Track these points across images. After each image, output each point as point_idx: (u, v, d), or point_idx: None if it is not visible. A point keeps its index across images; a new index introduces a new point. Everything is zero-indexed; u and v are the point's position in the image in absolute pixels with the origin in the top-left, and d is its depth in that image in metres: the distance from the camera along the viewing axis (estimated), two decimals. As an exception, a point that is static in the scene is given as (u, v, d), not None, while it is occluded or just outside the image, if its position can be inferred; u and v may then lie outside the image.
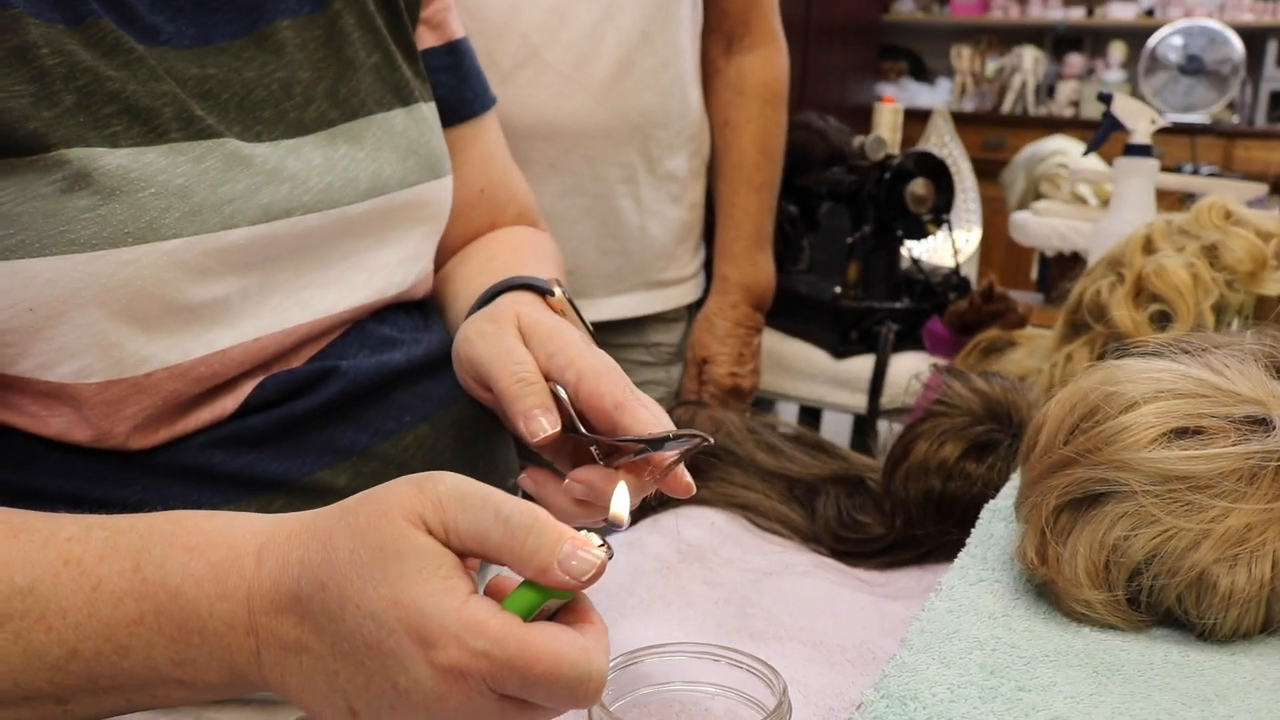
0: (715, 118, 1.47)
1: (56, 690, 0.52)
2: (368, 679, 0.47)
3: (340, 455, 0.75)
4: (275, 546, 0.51)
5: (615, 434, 0.61)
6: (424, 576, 0.46)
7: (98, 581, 0.52)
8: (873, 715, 0.52)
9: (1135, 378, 0.66)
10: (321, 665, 0.49)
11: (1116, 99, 1.63)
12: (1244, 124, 4.97)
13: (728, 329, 1.46)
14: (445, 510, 0.48)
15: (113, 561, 0.52)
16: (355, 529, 0.48)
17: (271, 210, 0.69)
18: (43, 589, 0.52)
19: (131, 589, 0.51)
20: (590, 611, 0.50)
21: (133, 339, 0.63)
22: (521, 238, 0.97)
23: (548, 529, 0.47)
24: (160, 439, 0.67)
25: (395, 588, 0.46)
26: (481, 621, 0.45)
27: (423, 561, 0.47)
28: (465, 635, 0.45)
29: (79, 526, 0.54)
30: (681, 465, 0.61)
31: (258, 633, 0.50)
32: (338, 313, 0.76)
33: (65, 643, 0.51)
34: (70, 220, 0.59)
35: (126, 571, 0.52)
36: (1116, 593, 0.61)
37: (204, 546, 0.52)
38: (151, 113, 0.64)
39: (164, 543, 0.52)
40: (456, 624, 0.45)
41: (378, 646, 0.46)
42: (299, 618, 0.49)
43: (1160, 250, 1.17)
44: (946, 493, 0.90)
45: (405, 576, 0.46)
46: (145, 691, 0.53)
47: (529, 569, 0.47)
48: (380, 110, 0.80)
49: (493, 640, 0.45)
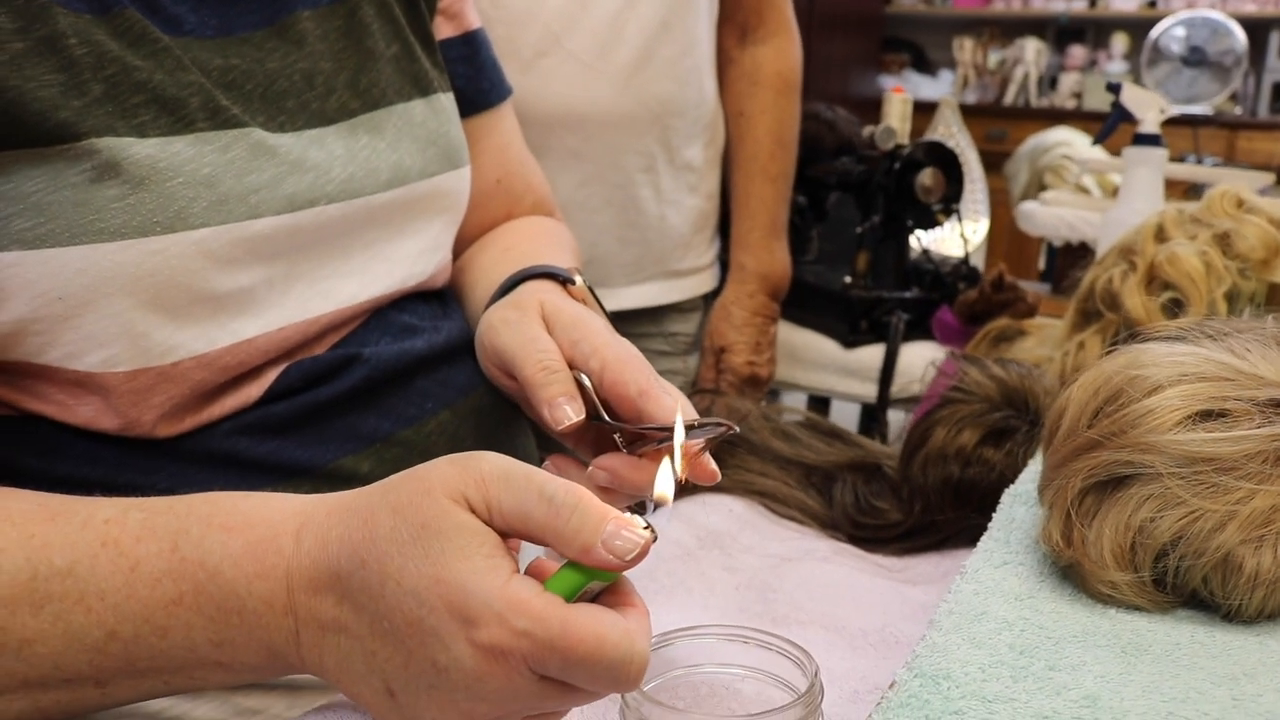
0: (730, 108, 1.47)
1: (96, 672, 0.52)
2: (407, 658, 0.47)
3: (363, 442, 0.76)
4: (314, 525, 0.51)
5: (639, 421, 0.62)
6: (466, 554, 0.46)
7: (136, 562, 0.52)
8: (907, 694, 0.52)
9: (1159, 361, 0.66)
10: (359, 645, 0.49)
11: (1125, 88, 1.63)
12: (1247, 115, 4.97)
13: (745, 318, 1.47)
14: (488, 488, 0.48)
15: (150, 542, 0.52)
16: (396, 506, 0.48)
17: (296, 200, 0.69)
18: (81, 570, 0.52)
19: (170, 569, 0.52)
20: (632, 594, 0.50)
21: (160, 328, 0.63)
22: (539, 227, 0.98)
23: (591, 508, 0.47)
24: (186, 427, 0.68)
25: (437, 565, 0.46)
26: (524, 601, 0.45)
27: (465, 539, 0.46)
28: (507, 614, 0.45)
29: (116, 508, 0.54)
30: (707, 453, 0.61)
31: (296, 612, 0.50)
32: (360, 302, 0.77)
33: (104, 624, 0.51)
34: (100, 209, 0.60)
35: (165, 552, 0.52)
36: (1143, 574, 0.62)
37: (242, 526, 0.52)
38: (178, 103, 0.64)
39: (201, 523, 0.53)
40: (499, 602, 0.45)
41: (418, 624, 0.46)
42: (338, 596, 0.49)
43: (1172, 238, 1.18)
44: (965, 479, 0.90)
45: (447, 554, 0.46)
46: (184, 673, 0.53)
47: (572, 548, 0.47)
48: (400, 101, 0.80)
49: (535, 620, 0.45)
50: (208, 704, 0.69)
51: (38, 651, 0.52)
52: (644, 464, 0.62)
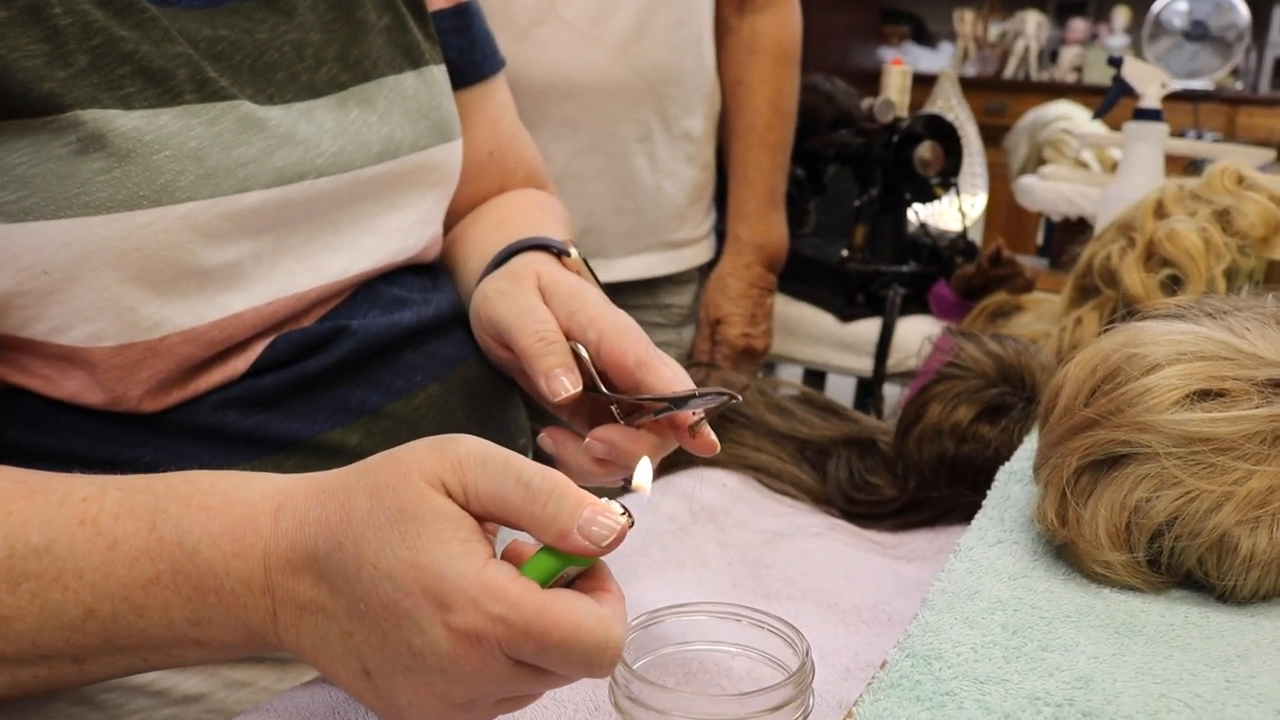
0: (728, 77, 1.46)
1: (73, 650, 0.52)
2: (382, 640, 0.47)
3: (351, 415, 0.75)
4: (292, 506, 0.51)
5: (637, 393, 0.61)
6: (442, 539, 0.46)
7: (114, 541, 0.52)
8: (898, 674, 0.52)
9: (1157, 340, 0.66)
10: (336, 626, 0.48)
11: (1127, 63, 1.62)
12: (1248, 90, 4.94)
13: (741, 290, 1.46)
14: (465, 473, 0.47)
15: (129, 521, 0.52)
16: (374, 489, 0.48)
17: (285, 174, 0.68)
18: (59, 549, 0.52)
19: (148, 548, 0.51)
20: (608, 580, 0.50)
21: (146, 303, 0.63)
22: (532, 200, 0.97)
23: (568, 494, 0.47)
24: (172, 401, 0.67)
25: (413, 549, 0.46)
26: (500, 586, 0.45)
27: (441, 524, 0.46)
28: (482, 599, 0.45)
29: (95, 486, 0.54)
30: (706, 424, 0.60)
31: (274, 592, 0.50)
32: (350, 276, 0.76)
33: (82, 603, 0.51)
34: (85, 182, 0.59)
35: (143, 531, 0.52)
36: (1137, 554, 0.61)
37: (220, 506, 0.52)
38: (165, 74, 0.63)
39: (180, 502, 0.52)
40: (474, 587, 0.45)
41: (394, 608, 0.46)
42: (315, 578, 0.49)
43: (1172, 215, 1.17)
44: (960, 455, 0.90)
45: (423, 538, 0.46)
46: (162, 651, 0.53)
47: (549, 534, 0.47)
48: (391, 73, 0.79)
49: (510, 605, 0.44)
50: (196, 676, 0.69)
51: (15, 629, 0.51)
52: (642, 435, 0.62)
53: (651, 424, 0.61)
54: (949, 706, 0.49)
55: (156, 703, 0.68)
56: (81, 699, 0.67)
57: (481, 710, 0.49)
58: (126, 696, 0.68)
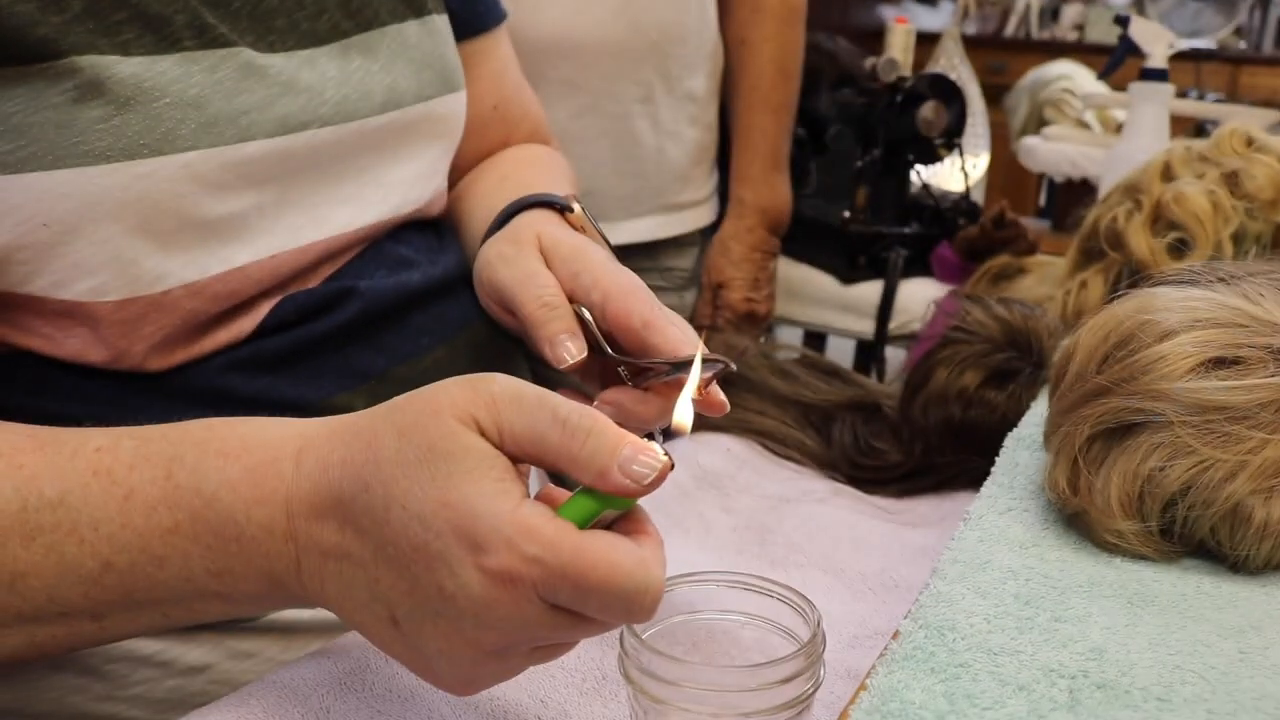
0: (731, 36, 1.44)
1: (92, 605, 0.51)
2: (412, 584, 0.45)
3: (358, 378, 0.74)
4: (315, 448, 0.49)
5: (644, 353, 0.60)
6: (475, 478, 0.44)
7: (130, 491, 0.50)
8: (912, 645, 0.51)
9: (1171, 306, 0.65)
10: (363, 572, 0.47)
11: (1134, 22, 1.60)
12: (1251, 50, 4.90)
13: (743, 253, 1.45)
14: (499, 411, 0.45)
15: (144, 470, 0.51)
16: (402, 428, 0.46)
17: (288, 123, 0.67)
18: (73, 500, 0.50)
19: (165, 497, 0.50)
20: (647, 523, 0.48)
21: (149, 255, 0.62)
22: (535, 155, 0.95)
23: (607, 431, 0.45)
24: (177, 360, 0.66)
25: (444, 488, 0.44)
26: (535, 526, 0.43)
27: (474, 462, 0.44)
28: (518, 539, 0.43)
29: (109, 437, 0.53)
30: (715, 385, 0.59)
31: (297, 538, 0.49)
32: (354, 230, 0.75)
33: (99, 555, 0.50)
34: (84, 131, 0.57)
35: (159, 479, 0.50)
36: (1150, 523, 0.61)
37: (239, 451, 0.51)
38: (163, 20, 0.61)
39: (197, 448, 0.51)
40: (509, 527, 0.43)
41: (424, 549, 0.44)
42: (340, 522, 0.47)
43: (1179, 177, 1.16)
44: (966, 420, 0.89)
45: (455, 477, 0.44)
46: (183, 605, 0.52)
47: (588, 473, 0.45)
48: (394, 21, 0.77)
49: (546, 546, 0.43)
50: (200, 648, 0.69)
51: (31, 585, 0.50)
52: (650, 397, 0.60)
53: (660, 386, 0.60)
54: (963, 678, 0.49)
55: (161, 673, 0.68)
56: (86, 669, 0.67)
57: (514, 659, 0.48)
58: (131, 667, 0.67)
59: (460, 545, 0.44)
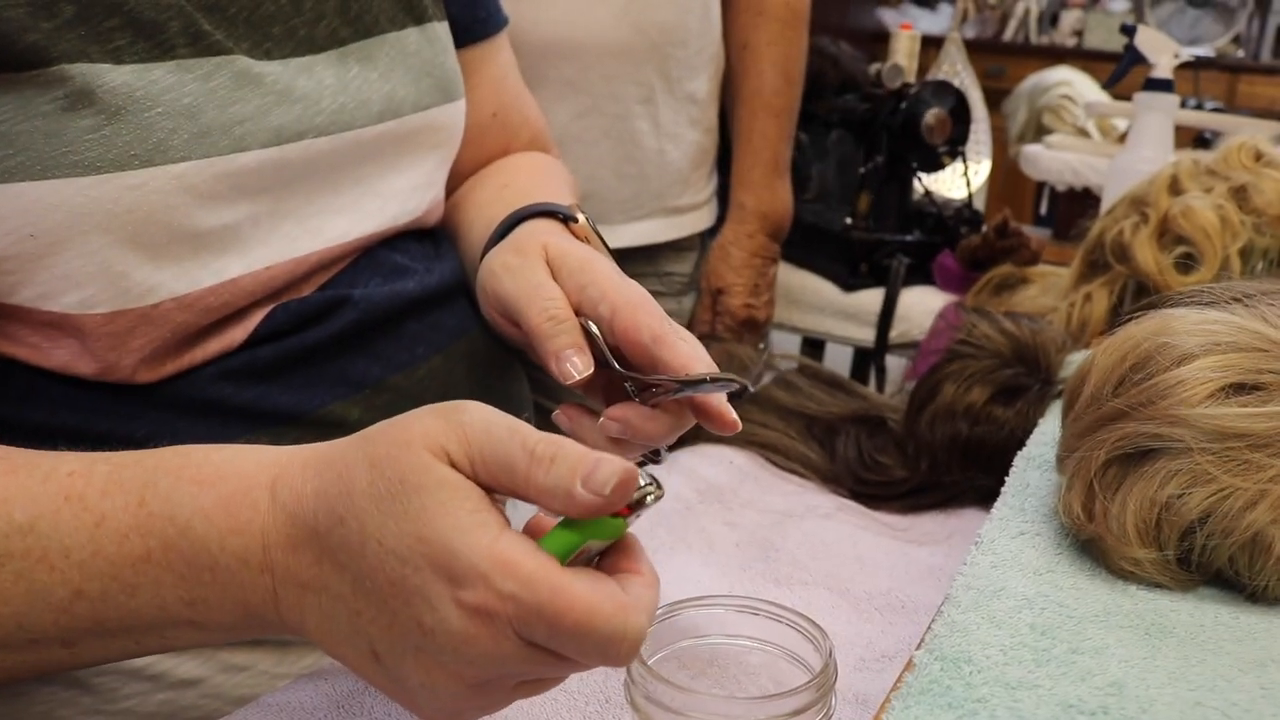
0: (734, 39, 1.42)
1: (62, 633, 0.50)
2: (391, 619, 0.44)
3: (353, 388, 0.73)
4: (289, 479, 0.48)
5: (653, 368, 0.59)
6: (449, 510, 0.43)
7: (101, 517, 0.49)
8: (928, 679, 0.50)
9: (1189, 329, 0.64)
10: (343, 605, 0.46)
11: (1140, 31, 1.58)
12: (1249, 58, 4.90)
13: (744, 259, 1.43)
14: (470, 441, 0.44)
15: (117, 496, 0.49)
16: (374, 460, 0.45)
17: (283, 133, 0.65)
18: (44, 526, 0.49)
19: (137, 524, 0.48)
20: (639, 560, 0.47)
21: (139, 268, 0.60)
22: (536, 163, 0.94)
23: (570, 452, 0.43)
24: (167, 372, 0.65)
25: (418, 523, 0.43)
26: (513, 561, 0.42)
27: (447, 495, 0.43)
28: (493, 575, 0.41)
29: (81, 462, 0.51)
30: (726, 403, 0.58)
31: (274, 570, 0.47)
32: (350, 240, 0.73)
33: (69, 583, 0.49)
34: (73, 141, 0.56)
35: (131, 506, 0.49)
36: (1167, 552, 0.60)
37: (213, 479, 0.49)
38: (156, 26, 0.60)
39: (171, 476, 0.49)
40: (485, 562, 0.42)
41: (401, 584, 0.43)
42: (316, 554, 0.46)
43: (1187, 191, 1.15)
44: (974, 437, 0.88)
45: (429, 510, 0.43)
46: (155, 633, 0.50)
47: (556, 499, 0.43)
48: (393, 29, 0.76)
49: (523, 583, 0.41)
50: (192, 660, 0.67)
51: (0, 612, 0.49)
52: (658, 414, 0.59)
53: (668, 402, 0.59)
54: (981, 714, 0.47)
55: (151, 687, 0.66)
56: (74, 682, 0.65)
57: (498, 693, 0.46)
58: (121, 680, 0.66)
59: (438, 580, 0.43)
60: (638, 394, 0.60)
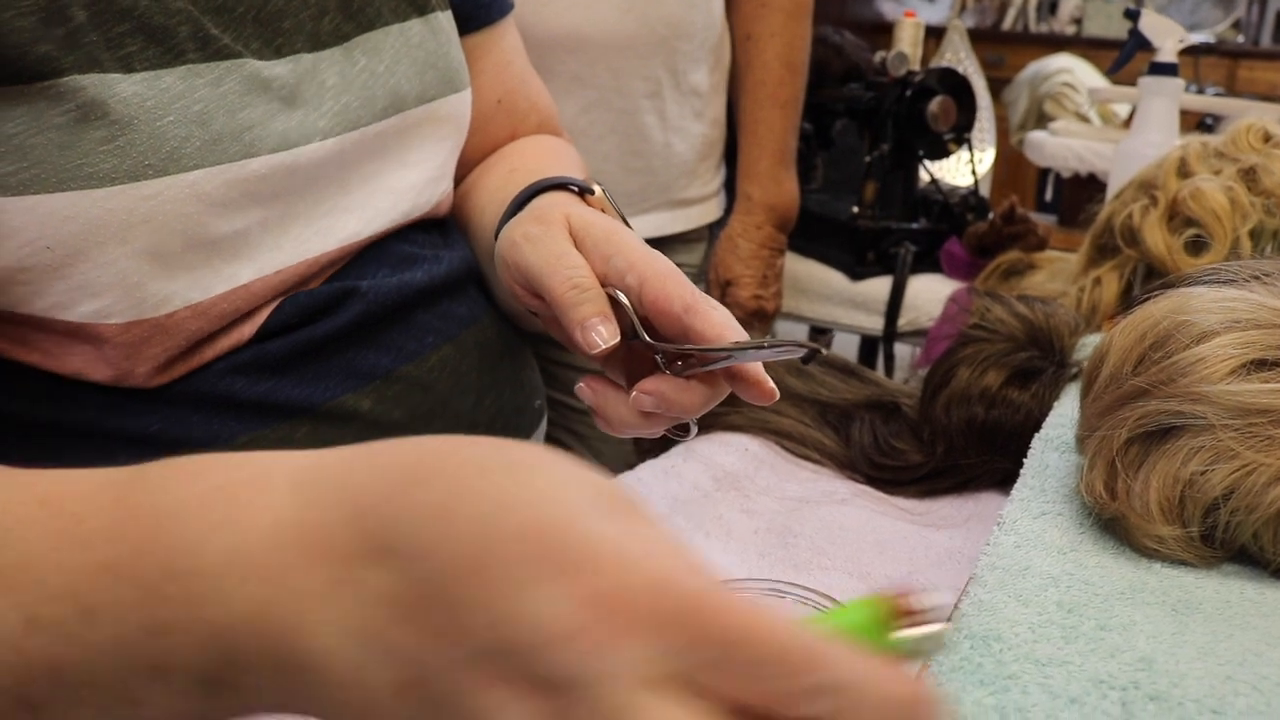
0: (738, 31, 1.42)
1: (18, 682, 0.38)
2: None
3: (363, 379, 0.72)
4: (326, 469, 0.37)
5: (684, 338, 0.57)
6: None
7: (74, 519, 0.39)
8: (959, 657, 0.50)
9: (1208, 306, 0.64)
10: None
11: (1144, 15, 1.58)
12: (1249, 44, 4.89)
13: (752, 250, 1.43)
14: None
15: (99, 496, 0.39)
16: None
17: (290, 136, 0.65)
18: (10, 536, 0.39)
19: (110, 525, 0.38)
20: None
21: (155, 278, 0.60)
22: (544, 145, 0.93)
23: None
24: (177, 374, 0.64)
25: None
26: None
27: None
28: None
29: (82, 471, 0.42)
30: (764, 371, 0.57)
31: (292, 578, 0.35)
32: (362, 240, 0.73)
33: (23, 606, 0.37)
34: (88, 153, 0.56)
35: (107, 505, 0.39)
36: (1191, 529, 0.60)
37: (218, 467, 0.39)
38: (166, 32, 0.60)
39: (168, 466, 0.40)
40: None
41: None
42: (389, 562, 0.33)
43: (1196, 173, 1.15)
44: (990, 421, 0.88)
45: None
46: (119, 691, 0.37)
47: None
48: (396, 21, 0.75)
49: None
50: None
51: None
52: (693, 385, 0.57)
53: (703, 374, 0.58)
54: (1013, 691, 0.47)
55: None
56: None
57: None
58: None
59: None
60: (667, 365, 0.59)
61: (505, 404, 0.83)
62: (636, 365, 0.61)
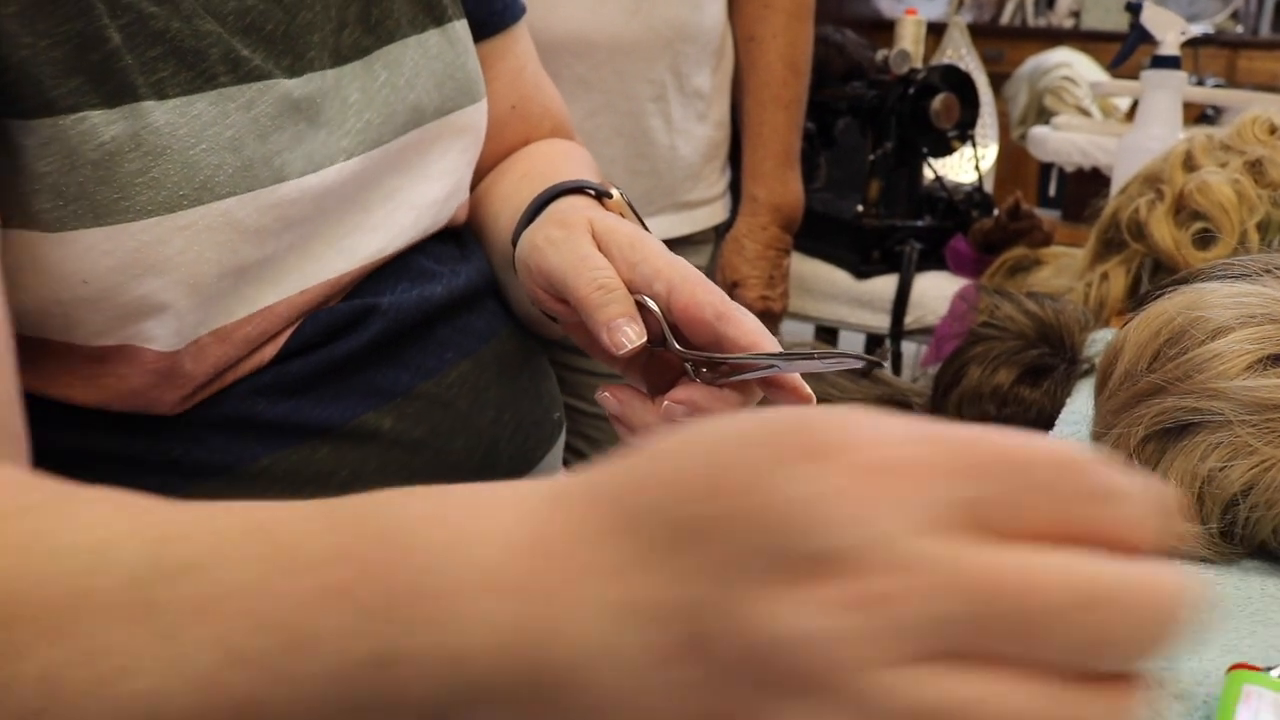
0: (741, 32, 1.43)
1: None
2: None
3: (384, 397, 0.72)
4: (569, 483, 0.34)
5: (716, 345, 0.55)
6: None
7: (288, 547, 0.35)
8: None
9: (1222, 302, 0.64)
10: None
11: (1146, 8, 1.58)
12: (1248, 34, 4.89)
13: (758, 251, 1.43)
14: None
15: (309, 523, 0.36)
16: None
17: (315, 158, 0.65)
18: (212, 561, 0.35)
19: (330, 548, 0.34)
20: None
21: (191, 309, 0.59)
22: (556, 149, 0.92)
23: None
24: (200, 398, 0.64)
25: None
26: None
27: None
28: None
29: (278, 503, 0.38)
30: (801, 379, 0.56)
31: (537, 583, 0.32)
32: (385, 256, 0.73)
33: (223, 639, 0.33)
34: (123, 187, 0.55)
35: (322, 531, 0.35)
36: (1210, 525, 0.60)
37: (435, 490, 0.35)
38: (198, 55, 0.59)
39: (377, 494, 0.36)
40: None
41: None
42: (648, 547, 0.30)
43: (1202, 166, 1.15)
44: (1002, 419, 0.88)
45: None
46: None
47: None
48: (414, 32, 0.75)
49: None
50: None
51: (125, 689, 0.34)
52: (726, 394, 0.55)
53: (735, 382, 0.57)
54: (1037, 692, 0.47)
55: None
56: None
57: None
58: None
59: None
60: (696, 373, 0.57)
61: (525, 418, 0.83)
62: (657, 372, 0.61)
